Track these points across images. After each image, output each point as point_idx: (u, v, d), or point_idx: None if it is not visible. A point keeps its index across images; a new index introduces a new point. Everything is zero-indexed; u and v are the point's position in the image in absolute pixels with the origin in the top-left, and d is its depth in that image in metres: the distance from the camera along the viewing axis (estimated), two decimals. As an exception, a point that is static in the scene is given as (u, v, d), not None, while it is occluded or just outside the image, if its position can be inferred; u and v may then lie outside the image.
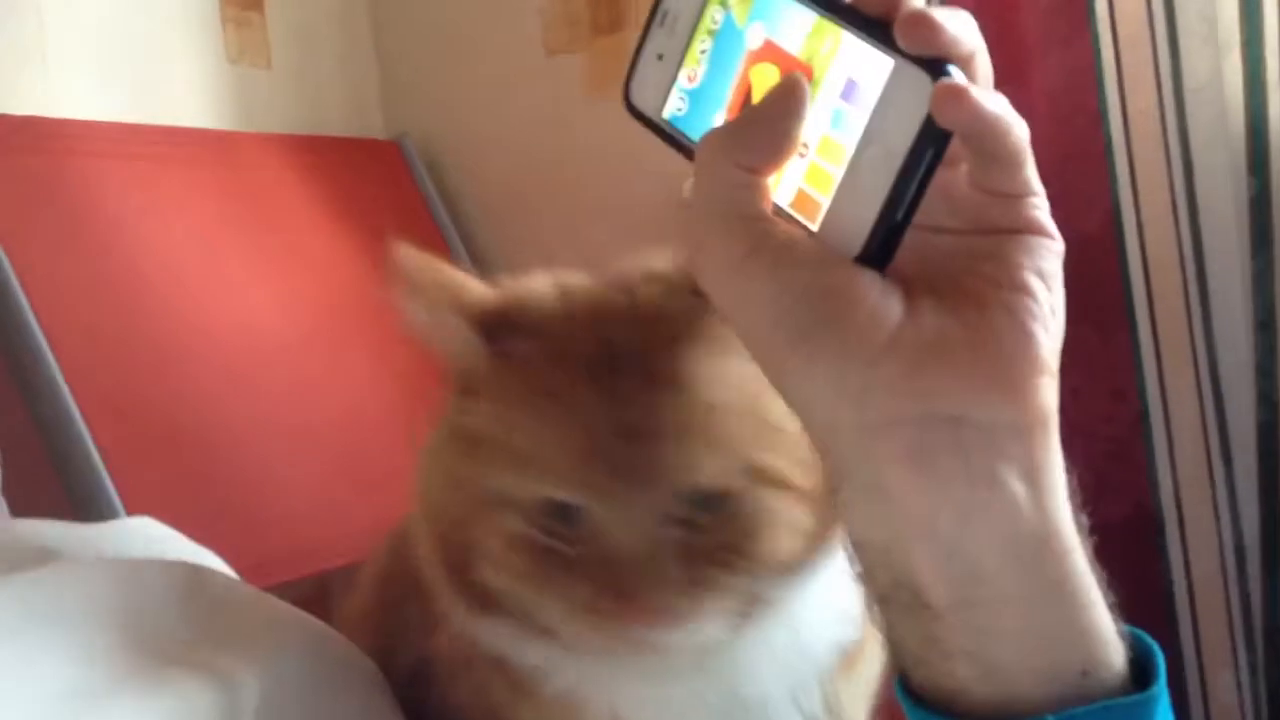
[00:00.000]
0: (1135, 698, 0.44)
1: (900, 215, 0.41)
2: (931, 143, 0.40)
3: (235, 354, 1.33)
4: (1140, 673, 0.46)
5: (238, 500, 1.23)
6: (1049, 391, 0.42)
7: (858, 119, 0.42)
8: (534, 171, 1.70)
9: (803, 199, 0.43)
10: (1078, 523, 0.45)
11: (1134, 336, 1.24)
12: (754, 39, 0.45)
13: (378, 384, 1.44)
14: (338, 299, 1.48)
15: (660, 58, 0.47)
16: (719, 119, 0.46)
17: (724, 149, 0.43)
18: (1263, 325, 1.20)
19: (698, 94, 0.46)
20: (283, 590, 0.75)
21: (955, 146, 0.42)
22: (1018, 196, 0.43)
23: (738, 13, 0.45)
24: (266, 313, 1.40)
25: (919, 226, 0.42)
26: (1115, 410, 1.27)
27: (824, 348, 0.41)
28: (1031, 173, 0.43)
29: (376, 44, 1.80)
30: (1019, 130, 0.42)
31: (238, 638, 0.65)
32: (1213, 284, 1.20)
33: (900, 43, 0.41)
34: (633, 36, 0.48)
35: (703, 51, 0.46)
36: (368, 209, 1.60)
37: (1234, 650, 1.22)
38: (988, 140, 0.41)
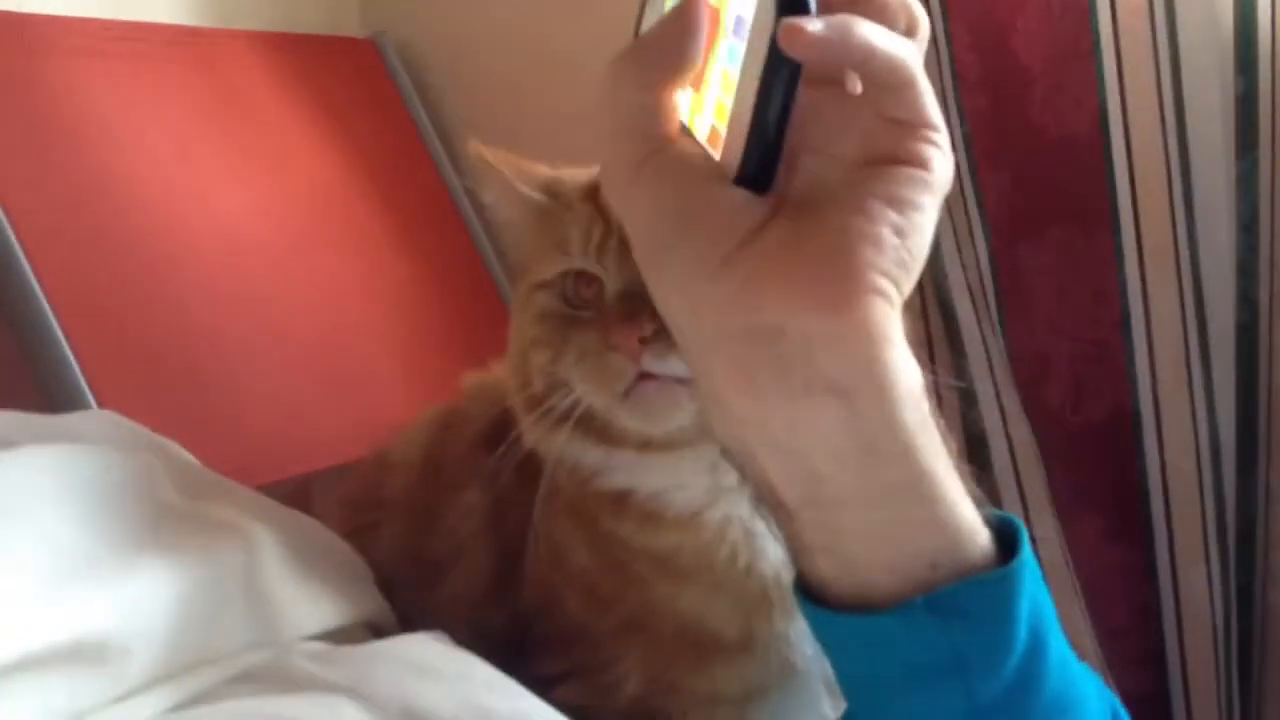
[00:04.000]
0: (994, 574, 0.47)
1: (765, 141, 0.43)
2: (778, 73, 0.42)
3: (211, 255, 1.31)
4: (1010, 554, 0.48)
5: (216, 403, 1.22)
6: (878, 309, 0.44)
7: (741, 52, 0.44)
8: (516, 72, 1.66)
9: (713, 133, 0.45)
10: (937, 425, 0.47)
11: (1117, 237, 1.23)
12: None
13: (356, 285, 1.43)
14: (314, 201, 1.46)
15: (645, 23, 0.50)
16: None
17: (624, 70, 0.46)
18: (1245, 227, 1.19)
19: None
20: (263, 493, 0.75)
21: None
22: (908, 125, 0.44)
23: None
24: (242, 214, 1.38)
25: (819, 153, 0.45)
26: (1097, 312, 1.26)
27: (675, 260, 0.45)
28: (924, 103, 0.45)
29: (351, -63, 1.75)
30: (888, 56, 0.43)
31: (231, 501, 0.67)
32: (1197, 184, 1.19)
33: None
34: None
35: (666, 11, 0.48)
36: (344, 109, 1.57)
37: (1206, 547, 1.24)
38: (862, 67, 0.43)
